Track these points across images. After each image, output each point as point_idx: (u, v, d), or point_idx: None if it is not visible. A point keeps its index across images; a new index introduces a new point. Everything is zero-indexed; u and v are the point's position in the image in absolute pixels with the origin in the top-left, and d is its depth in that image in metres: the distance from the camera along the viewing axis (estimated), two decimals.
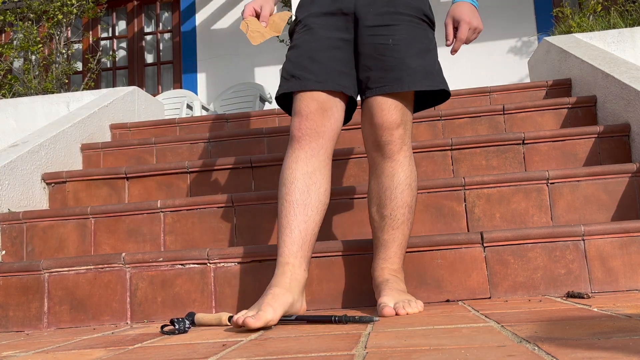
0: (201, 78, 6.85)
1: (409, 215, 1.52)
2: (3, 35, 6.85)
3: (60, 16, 4.91)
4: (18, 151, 2.49)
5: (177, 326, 1.34)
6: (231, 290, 1.74)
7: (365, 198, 2.05)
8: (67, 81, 5.15)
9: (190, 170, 2.47)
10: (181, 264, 1.77)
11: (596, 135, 2.33)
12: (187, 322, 1.37)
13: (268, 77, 6.57)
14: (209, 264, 1.76)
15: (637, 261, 1.66)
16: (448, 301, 1.67)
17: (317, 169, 1.48)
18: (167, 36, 7.22)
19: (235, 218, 2.14)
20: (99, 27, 7.23)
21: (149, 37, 7.28)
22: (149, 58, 7.23)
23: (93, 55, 6.11)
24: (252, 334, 1.26)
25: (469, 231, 2.03)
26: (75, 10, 4.99)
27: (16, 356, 1.18)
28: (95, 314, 1.76)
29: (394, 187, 1.49)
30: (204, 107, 5.44)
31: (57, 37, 5.08)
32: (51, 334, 1.60)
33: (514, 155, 2.34)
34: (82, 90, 4.60)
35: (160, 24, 7.25)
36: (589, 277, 1.66)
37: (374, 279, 1.55)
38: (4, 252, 2.22)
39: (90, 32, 7.05)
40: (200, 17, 6.97)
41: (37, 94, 4.35)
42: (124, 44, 7.30)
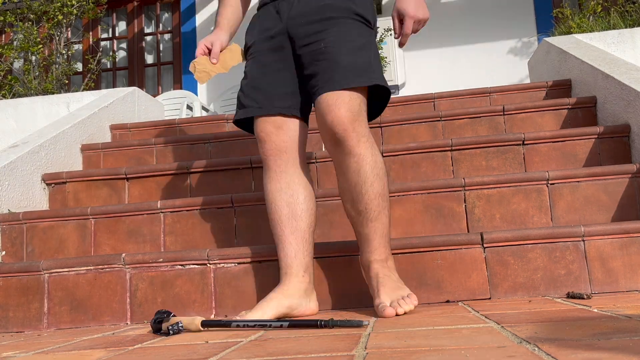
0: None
1: (384, 203, 1.52)
2: (3, 36, 6.85)
3: (60, 17, 4.91)
4: (18, 152, 2.49)
5: (170, 328, 1.35)
6: (231, 291, 1.74)
7: None
8: (67, 82, 5.15)
9: (190, 170, 2.47)
10: (181, 265, 1.77)
11: (596, 136, 2.33)
12: (180, 323, 1.36)
13: None
14: (209, 264, 1.76)
15: (637, 262, 1.66)
16: (448, 302, 1.67)
17: (290, 181, 1.59)
18: (167, 37, 7.22)
19: (235, 219, 2.14)
20: (99, 27, 7.23)
21: (149, 38, 7.28)
22: (149, 59, 7.23)
23: (93, 56, 6.11)
24: (252, 335, 1.26)
25: (469, 232, 2.03)
26: (75, 11, 4.99)
27: (16, 356, 1.18)
28: (95, 314, 1.76)
29: (363, 182, 1.49)
30: (204, 108, 5.44)
31: (57, 38, 5.08)
32: (51, 334, 1.60)
33: (514, 156, 2.34)
34: (82, 90, 4.60)
35: (161, 25, 7.26)
36: (589, 278, 1.66)
37: (365, 273, 1.57)
38: (4, 252, 2.22)
39: (91, 33, 7.05)
40: (200, 17, 6.97)
41: (37, 95, 4.35)
42: (124, 45, 7.31)
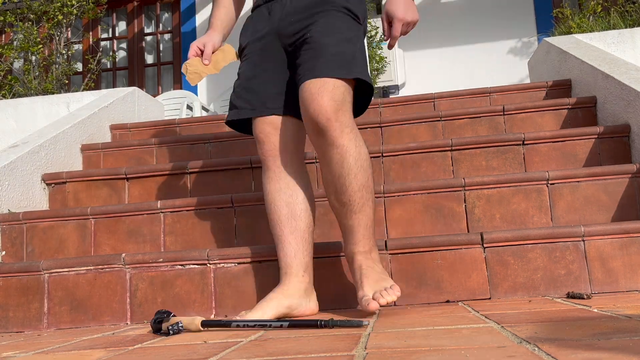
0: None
1: (367, 195, 1.50)
2: (3, 36, 6.85)
3: (60, 17, 4.91)
4: (18, 152, 2.49)
5: (170, 328, 1.35)
6: (231, 291, 1.74)
7: None
8: (67, 82, 5.15)
9: (190, 170, 2.47)
10: (181, 265, 1.77)
11: (596, 136, 2.33)
12: (180, 323, 1.36)
13: None
14: (209, 264, 1.76)
15: (637, 262, 1.66)
16: (448, 302, 1.67)
17: (290, 181, 1.59)
18: (167, 37, 7.22)
19: (235, 219, 2.14)
20: (99, 27, 7.23)
21: (149, 38, 7.28)
22: (149, 59, 7.23)
23: (93, 56, 6.11)
24: (252, 335, 1.26)
25: (469, 232, 2.03)
26: (75, 11, 4.99)
27: (16, 356, 1.18)
28: (95, 314, 1.76)
29: (346, 174, 1.47)
30: (204, 108, 5.44)
31: (57, 38, 5.08)
32: (51, 334, 1.60)
33: (514, 156, 2.34)
34: (82, 90, 4.60)
35: (161, 25, 7.26)
36: (589, 278, 1.66)
37: (349, 265, 1.55)
38: (4, 252, 2.22)
39: (91, 33, 7.05)
40: (200, 17, 6.97)
41: (37, 95, 4.35)
42: (124, 45, 7.31)
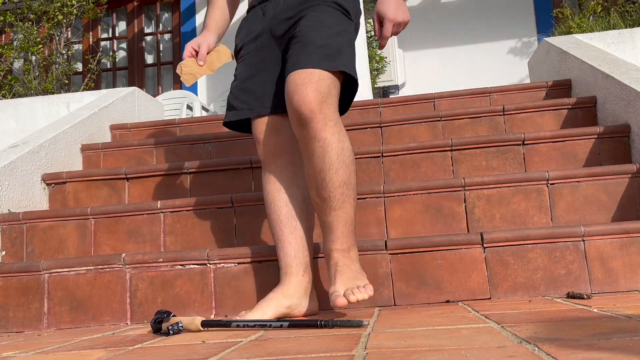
0: (201, 79, 6.85)
1: (348, 192, 1.48)
2: (3, 36, 6.85)
3: (60, 17, 4.91)
4: (18, 152, 2.49)
5: (170, 328, 1.35)
6: (231, 291, 1.74)
7: (367, 198, 2.05)
8: (67, 82, 5.15)
9: (190, 170, 2.47)
10: (181, 265, 1.77)
11: (596, 136, 2.33)
12: (180, 323, 1.36)
13: None
14: (209, 264, 1.76)
15: (637, 262, 1.66)
16: (448, 302, 1.67)
17: (290, 181, 1.59)
18: (167, 37, 7.22)
19: (235, 218, 2.14)
20: (99, 27, 7.23)
21: (149, 38, 7.28)
22: (149, 59, 7.23)
23: (93, 56, 6.11)
24: (252, 335, 1.26)
25: (469, 232, 2.03)
26: (75, 11, 4.99)
27: (16, 356, 1.18)
28: (95, 314, 1.76)
29: (327, 169, 1.44)
30: (204, 108, 5.44)
31: (57, 38, 5.08)
32: (51, 334, 1.60)
33: (514, 156, 2.34)
34: (82, 90, 4.60)
35: (161, 25, 7.25)
36: (589, 278, 1.66)
37: (326, 262, 1.52)
38: (4, 252, 2.22)
39: (91, 33, 7.05)
40: (200, 17, 6.96)
41: (37, 95, 4.35)
42: (124, 45, 7.31)
